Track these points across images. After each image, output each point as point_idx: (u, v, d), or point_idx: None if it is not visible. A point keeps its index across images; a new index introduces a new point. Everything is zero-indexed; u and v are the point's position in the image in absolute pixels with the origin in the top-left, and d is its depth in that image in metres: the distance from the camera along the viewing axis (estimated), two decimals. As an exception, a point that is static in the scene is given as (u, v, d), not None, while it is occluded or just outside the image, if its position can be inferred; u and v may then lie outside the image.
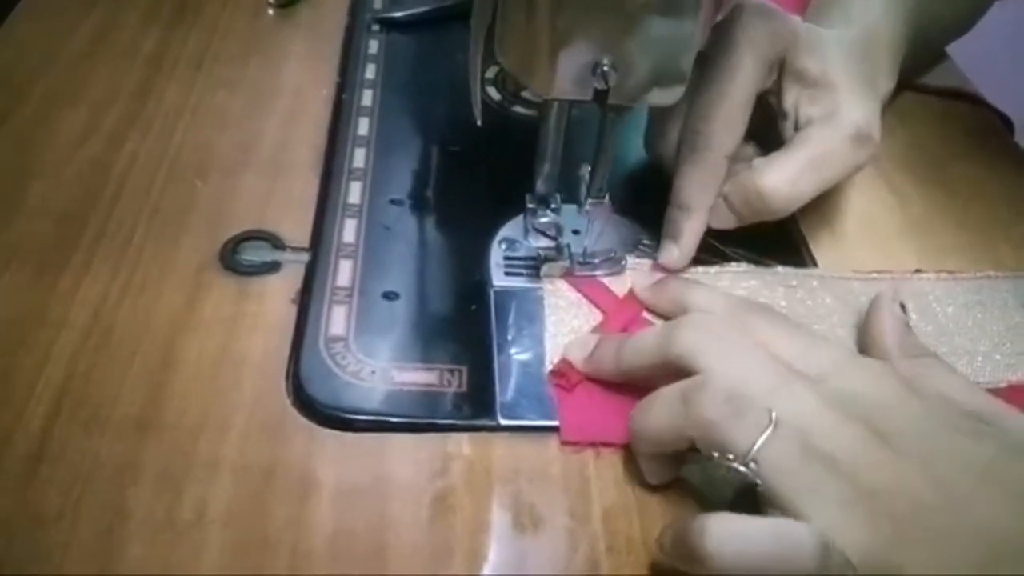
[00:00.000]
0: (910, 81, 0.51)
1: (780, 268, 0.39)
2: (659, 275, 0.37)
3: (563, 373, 0.34)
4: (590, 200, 0.36)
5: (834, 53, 0.39)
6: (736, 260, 0.39)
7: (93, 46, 0.50)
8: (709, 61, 0.36)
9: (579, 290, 0.37)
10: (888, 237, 0.43)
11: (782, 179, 0.36)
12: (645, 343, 0.32)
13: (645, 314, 0.37)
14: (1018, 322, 0.38)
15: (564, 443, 0.32)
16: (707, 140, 0.36)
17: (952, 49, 0.55)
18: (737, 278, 0.38)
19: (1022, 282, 0.40)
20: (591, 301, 0.37)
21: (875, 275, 0.40)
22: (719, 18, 0.30)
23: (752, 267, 0.39)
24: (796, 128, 0.38)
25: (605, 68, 0.30)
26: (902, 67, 0.45)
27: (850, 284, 0.39)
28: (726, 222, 0.38)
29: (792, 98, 0.39)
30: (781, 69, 0.38)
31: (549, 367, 0.34)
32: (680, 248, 0.38)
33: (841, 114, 0.37)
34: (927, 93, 0.52)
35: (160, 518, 0.29)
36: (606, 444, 0.32)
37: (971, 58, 0.56)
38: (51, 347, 0.34)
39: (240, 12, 0.54)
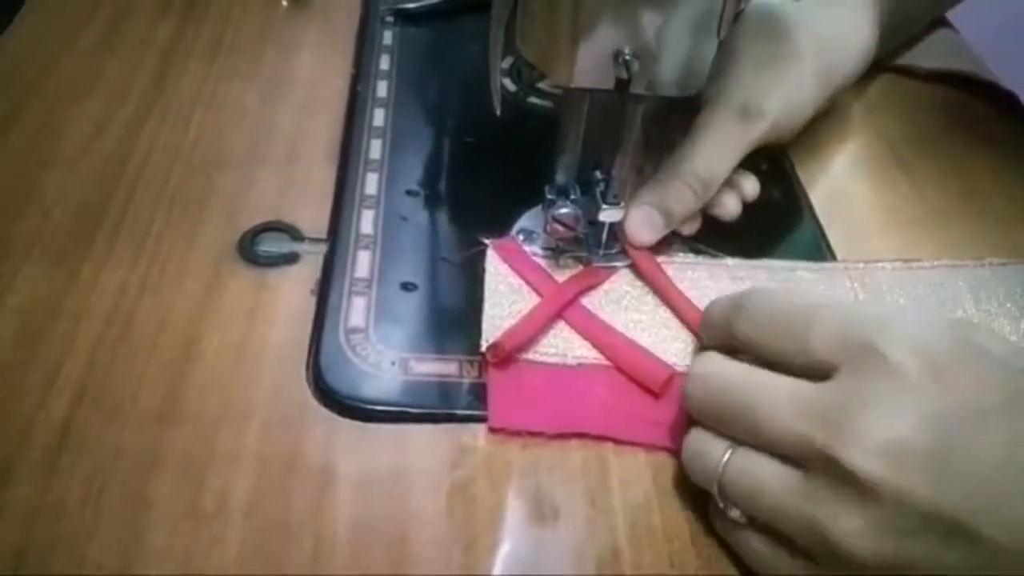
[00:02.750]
0: (899, 65, 0.51)
1: (729, 260, 0.39)
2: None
3: (496, 345, 0.33)
4: (605, 206, 0.36)
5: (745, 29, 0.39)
6: (683, 251, 0.39)
7: (106, 38, 0.50)
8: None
9: (521, 275, 0.37)
10: (907, 228, 0.43)
11: (700, 166, 0.37)
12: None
13: (583, 301, 0.36)
14: (971, 314, 0.37)
15: (492, 430, 0.32)
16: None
17: (959, 23, 0.55)
18: (682, 268, 0.38)
19: (981, 271, 0.39)
20: (532, 287, 0.36)
21: (826, 266, 0.39)
22: (743, 6, 0.30)
23: (699, 257, 0.39)
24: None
25: (627, 57, 0.29)
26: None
27: (797, 274, 0.38)
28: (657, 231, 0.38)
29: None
30: None
31: (484, 346, 0.33)
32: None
33: (727, 92, 0.38)
34: (920, 78, 0.52)
35: (182, 508, 0.29)
36: (533, 433, 0.32)
37: (979, 33, 0.55)
38: (72, 338, 0.34)
39: (253, 2, 0.54)
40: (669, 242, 0.39)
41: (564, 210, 0.35)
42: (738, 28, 0.39)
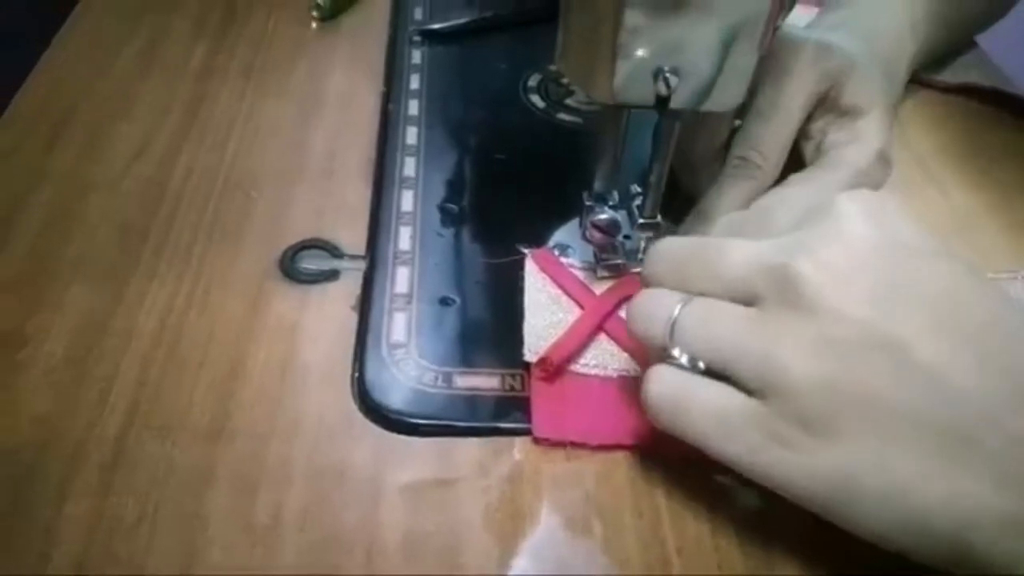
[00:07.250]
0: (924, 79, 0.52)
1: None
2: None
3: (545, 360, 0.34)
4: (640, 221, 0.36)
5: (871, 83, 0.40)
6: None
7: (143, 60, 0.51)
8: (760, 92, 0.38)
9: (559, 286, 0.37)
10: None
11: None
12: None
13: (621, 313, 0.36)
14: None
15: (536, 440, 0.32)
16: (752, 171, 0.38)
17: (981, 37, 0.55)
18: None
19: (1014, 285, 0.39)
20: (570, 297, 0.37)
21: None
22: (780, 23, 0.31)
23: None
24: (818, 149, 0.40)
25: (667, 74, 0.30)
26: (920, 65, 0.48)
27: None
28: None
29: (821, 124, 0.40)
30: (822, 99, 0.39)
31: (530, 357, 0.34)
32: None
33: (866, 139, 0.39)
34: (946, 92, 0.52)
35: (237, 522, 0.30)
36: (577, 445, 0.32)
37: (1001, 45, 0.55)
38: (121, 357, 0.34)
39: (284, 23, 0.55)
40: None
41: (603, 216, 0.35)
42: (861, 82, 0.39)
